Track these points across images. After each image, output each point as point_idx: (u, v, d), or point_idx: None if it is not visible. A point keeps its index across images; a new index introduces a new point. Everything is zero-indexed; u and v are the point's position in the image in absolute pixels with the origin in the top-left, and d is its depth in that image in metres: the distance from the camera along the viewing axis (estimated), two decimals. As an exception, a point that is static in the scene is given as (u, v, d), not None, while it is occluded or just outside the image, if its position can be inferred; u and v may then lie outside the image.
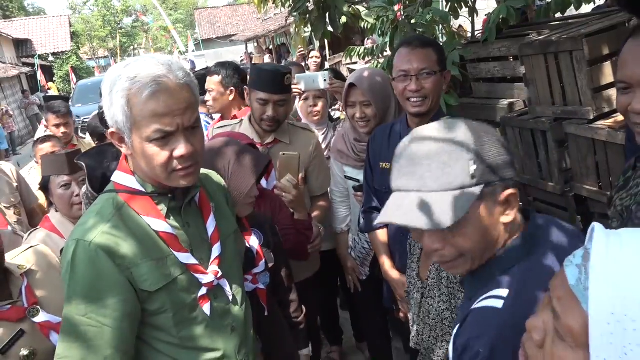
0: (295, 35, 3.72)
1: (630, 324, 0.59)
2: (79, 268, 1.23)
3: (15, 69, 21.49)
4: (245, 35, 25.62)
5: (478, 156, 0.96)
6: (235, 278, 1.53)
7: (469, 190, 0.95)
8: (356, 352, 3.50)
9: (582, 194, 2.58)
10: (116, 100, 1.21)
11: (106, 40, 44.75)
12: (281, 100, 2.41)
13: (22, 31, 30.74)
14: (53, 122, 4.07)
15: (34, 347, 1.60)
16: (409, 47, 2.02)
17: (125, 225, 1.28)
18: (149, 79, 1.19)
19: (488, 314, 0.99)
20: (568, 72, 2.51)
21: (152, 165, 1.25)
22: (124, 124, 1.22)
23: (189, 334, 1.36)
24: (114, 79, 1.22)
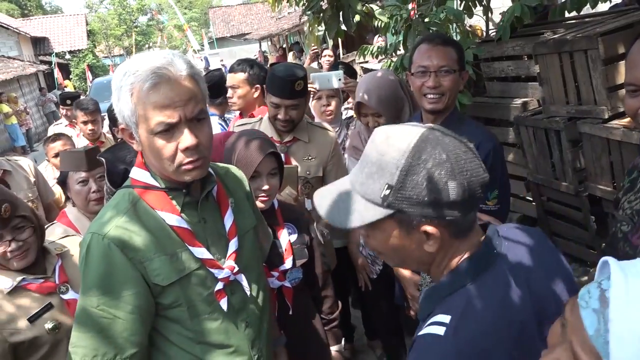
0: (309, 34, 3.72)
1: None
2: (93, 261, 1.26)
3: (33, 67, 21.77)
4: (259, 33, 25.70)
5: (399, 185, 0.94)
6: (254, 273, 1.52)
7: (378, 209, 0.97)
8: (367, 350, 3.50)
9: (596, 194, 2.56)
10: (122, 96, 1.22)
11: (122, 39, 45.15)
12: (293, 104, 2.43)
13: (40, 29, 31.14)
14: (81, 119, 4.12)
15: (59, 321, 1.72)
16: (430, 43, 2.02)
17: (139, 219, 1.29)
18: (150, 71, 1.19)
19: (430, 342, 0.95)
20: (583, 71, 2.50)
21: (160, 159, 1.26)
22: (129, 119, 1.24)
23: (203, 328, 1.37)
24: (120, 75, 1.23)
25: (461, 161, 0.94)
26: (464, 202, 0.94)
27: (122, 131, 1.29)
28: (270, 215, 1.91)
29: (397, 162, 0.95)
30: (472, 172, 0.95)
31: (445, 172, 0.93)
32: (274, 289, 1.87)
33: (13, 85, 18.19)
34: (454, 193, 0.92)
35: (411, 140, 0.96)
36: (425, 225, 0.96)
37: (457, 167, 0.94)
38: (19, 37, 25.58)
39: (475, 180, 0.95)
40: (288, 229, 1.94)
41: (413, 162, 0.94)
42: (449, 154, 0.94)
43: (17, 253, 1.72)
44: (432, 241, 0.97)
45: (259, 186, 1.83)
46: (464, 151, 0.96)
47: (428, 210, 0.94)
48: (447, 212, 0.94)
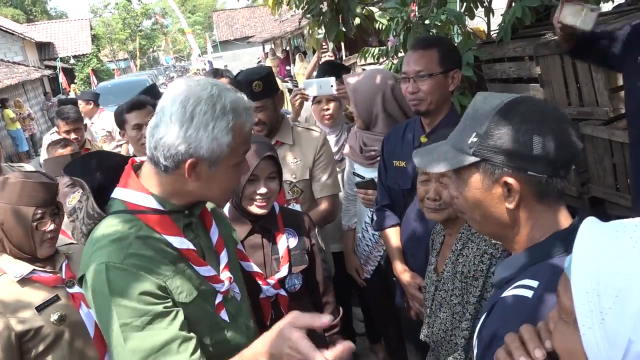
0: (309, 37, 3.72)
1: (602, 289, 0.65)
2: (119, 288, 1.17)
3: (38, 72, 21.88)
4: (262, 36, 25.73)
5: (486, 133, 1.01)
6: (238, 276, 1.54)
7: (465, 156, 1.05)
8: (369, 354, 3.48)
9: (599, 195, 2.54)
10: (218, 133, 1.19)
11: (126, 43, 45.42)
12: (257, 107, 2.37)
13: (45, 34, 31.33)
14: (63, 129, 4.03)
15: (65, 314, 1.78)
16: (412, 49, 2.07)
17: (148, 245, 1.25)
18: (246, 110, 1.25)
19: (517, 303, 0.97)
20: (584, 72, 2.48)
21: (227, 186, 1.30)
22: (218, 155, 1.21)
23: (213, 343, 1.36)
24: (208, 110, 1.18)
25: (553, 124, 1.00)
26: (548, 161, 0.99)
27: (190, 165, 1.21)
28: (270, 220, 1.89)
29: (489, 114, 1.02)
30: (562, 138, 1.00)
31: (532, 127, 0.99)
32: (269, 297, 1.85)
33: (18, 90, 18.29)
34: (538, 148, 0.98)
35: (506, 99, 1.03)
36: (506, 177, 1.00)
37: (546, 127, 0.99)
38: (24, 43, 25.74)
39: (564, 145, 1.00)
40: (288, 234, 1.92)
41: (503, 114, 1.01)
42: (541, 114, 1.01)
43: (53, 235, 1.83)
44: (512, 197, 1.01)
45: (256, 190, 1.80)
46: (560, 119, 1.02)
47: (511, 160, 0.99)
48: (528, 165, 0.99)
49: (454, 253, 1.71)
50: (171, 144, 1.19)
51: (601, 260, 0.67)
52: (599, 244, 0.69)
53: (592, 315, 0.66)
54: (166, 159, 1.21)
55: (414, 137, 2.19)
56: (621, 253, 0.66)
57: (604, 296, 0.65)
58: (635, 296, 0.62)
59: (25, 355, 1.72)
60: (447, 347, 1.73)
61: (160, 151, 1.20)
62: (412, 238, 2.14)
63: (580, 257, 0.70)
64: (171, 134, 1.18)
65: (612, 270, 0.65)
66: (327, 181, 2.56)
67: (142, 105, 2.98)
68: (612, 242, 0.67)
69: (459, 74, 2.04)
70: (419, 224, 2.11)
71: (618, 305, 0.63)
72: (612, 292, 0.64)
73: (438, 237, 1.89)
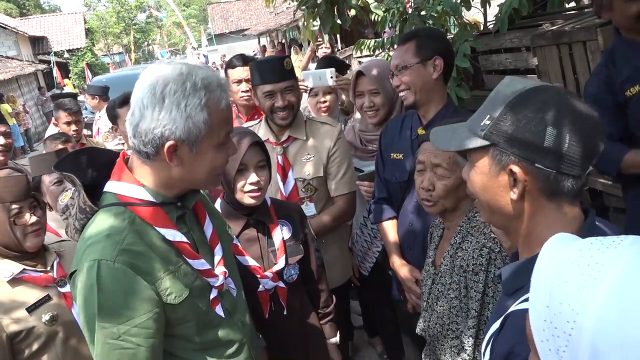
0: (304, 29, 3.69)
1: (554, 330, 0.62)
2: (108, 288, 1.16)
3: (32, 66, 21.74)
4: (257, 29, 25.63)
5: (499, 117, 0.98)
6: (234, 272, 1.52)
7: (476, 139, 1.02)
8: (368, 347, 3.49)
9: (597, 187, 2.53)
10: (192, 111, 1.17)
11: (120, 37, 45.10)
12: (288, 87, 2.31)
13: (38, 28, 31.08)
14: (64, 120, 4.04)
15: (56, 314, 1.76)
16: (398, 45, 2.14)
17: (141, 239, 1.23)
18: (221, 87, 1.23)
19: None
20: (582, 63, 2.46)
21: (212, 167, 1.27)
22: (196, 135, 1.19)
23: (209, 338, 1.35)
24: (179, 88, 1.17)
25: (573, 118, 0.94)
26: (559, 155, 0.93)
27: (169, 147, 1.19)
28: (263, 212, 1.87)
29: (507, 98, 0.98)
30: (581, 135, 0.94)
31: (548, 117, 0.94)
32: (268, 290, 1.84)
33: (12, 85, 18.17)
34: (550, 140, 0.93)
35: (529, 85, 0.99)
36: (513, 165, 0.97)
37: (565, 120, 0.94)
38: (17, 37, 25.54)
39: (581, 143, 0.93)
40: (282, 225, 1.91)
41: (521, 100, 0.96)
42: (562, 106, 0.95)
43: (36, 228, 1.80)
44: (517, 188, 0.97)
45: (247, 180, 1.77)
46: (584, 115, 0.95)
47: (519, 149, 0.95)
48: (537, 157, 0.94)
49: (453, 246, 1.70)
50: (147, 128, 1.18)
51: (554, 296, 0.63)
52: (555, 275, 0.64)
53: (550, 354, 0.64)
54: (145, 145, 1.20)
55: (411, 129, 2.18)
56: (572, 291, 0.61)
57: (557, 338, 0.62)
58: (584, 341, 0.59)
59: (18, 355, 1.70)
60: (443, 342, 1.71)
61: (139, 138, 1.20)
62: (409, 230, 2.13)
63: (537, 288, 0.66)
64: (146, 119, 1.18)
65: (562, 310, 0.61)
66: (344, 178, 2.44)
67: None
68: (566, 275, 0.63)
69: (439, 60, 2.02)
70: (416, 217, 2.10)
71: (571, 349, 0.61)
72: (564, 336, 0.61)
73: (437, 231, 1.88)
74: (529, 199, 0.99)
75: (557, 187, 0.96)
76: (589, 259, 0.62)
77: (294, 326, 1.92)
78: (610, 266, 0.60)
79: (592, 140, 0.95)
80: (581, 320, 0.59)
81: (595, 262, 0.61)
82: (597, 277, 0.60)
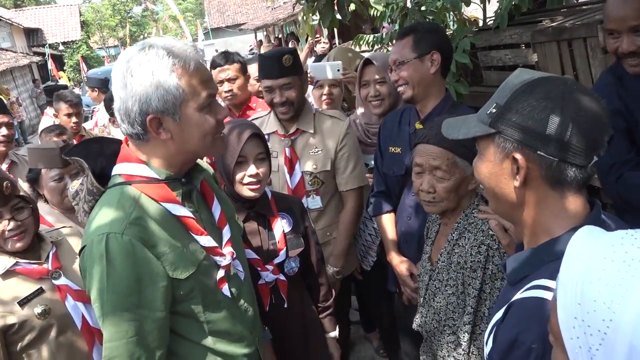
0: (303, 23, 3.67)
1: (587, 328, 0.61)
2: (116, 261, 1.20)
3: (27, 58, 21.61)
4: (254, 23, 25.53)
5: (505, 105, 1.00)
6: (243, 258, 1.54)
7: (483, 126, 1.04)
8: (364, 342, 3.49)
9: (595, 184, 2.53)
10: (159, 79, 1.18)
11: (116, 30, 44.80)
12: (285, 84, 2.31)
13: (33, 20, 30.86)
14: (65, 112, 4.02)
15: (49, 307, 1.74)
16: (395, 40, 2.13)
17: (147, 214, 1.26)
18: (188, 51, 1.23)
19: (536, 305, 0.92)
20: (582, 59, 2.46)
21: (203, 133, 1.27)
22: (173, 102, 1.20)
23: (213, 318, 1.37)
24: (143, 60, 1.19)
25: (579, 107, 0.94)
26: (562, 143, 0.94)
27: (151, 121, 1.21)
28: (264, 205, 1.87)
29: (514, 87, 1.00)
30: (586, 124, 0.94)
31: (553, 105, 0.95)
32: (268, 283, 1.84)
33: (6, 77, 18.05)
34: (553, 127, 0.94)
35: (537, 75, 1.01)
36: (516, 152, 0.98)
37: (569, 108, 0.94)
38: (11, 28, 25.36)
39: (585, 132, 0.94)
40: (282, 218, 1.91)
41: (527, 89, 0.98)
42: (569, 95, 0.95)
43: (15, 232, 1.76)
44: (520, 175, 0.98)
45: (246, 172, 1.76)
46: (591, 105, 0.95)
47: (522, 136, 0.96)
48: (539, 144, 0.95)
49: (450, 243, 1.69)
50: (127, 108, 1.21)
51: (587, 294, 0.61)
52: (587, 272, 0.63)
53: (581, 352, 0.62)
54: (133, 126, 1.23)
55: (409, 123, 2.19)
56: (606, 289, 0.60)
57: (590, 336, 0.61)
58: (621, 341, 0.58)
59: (11, 347, 1.70)
60: (440, 337, 1.72)
61: (126, 121, 1.23)
62: (407, 224, 2.14)
63: (567, 284, 0.64)
64: (123, 100, 1.21)
65: (597, 309, 0.60)
66: (353, 173, 2.42)
67: None
68: (598, 273, 0.61)
69: (437, 55, 2.02)
70: (414, 211, 2.11)
71: (606, 348, 0.59)
72: (598, 334, 0.60)
73: (433, 226, 1.88)
74: (532, 186, 1.00)
75: (559, 176, 0.97)
76: (624, 255, 0.61)
77: (295, 319, 1.93)
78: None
79: (596, 131, 0.95)
80: (618, 318, 0.58)
81: (631, 259, 0.60)
82: (634, 274, 0.59)
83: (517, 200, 1.03)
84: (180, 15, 22.05)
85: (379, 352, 3.33)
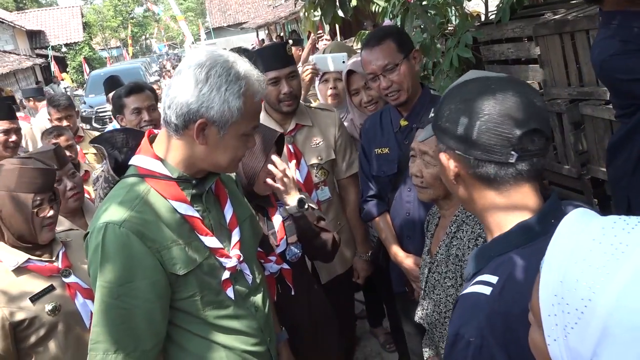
0: (305, 20, 3.67)
1: (566, 306, 0.62)
2: (110, 251, 1.24)
3: (30, 61, 21.66)
4: (256, 22, 25.50)
5: (437, 109, 1.08)
6: (253, 262, 1.56)
7: (430, 130, 1.14)
8: (370, 337, 3.50)
9: (599, 176, 2.53)
10: (230, 96, 1.25)
11: (118, 31, 44.86)
12: (291, 72, 2.33)
13: (35, 22, 30.92)
14: (55, 117, 3.99)
15: (59, 304, 1.76)
16: (367, 48, 2.09)
17: (152, 208, 1.29)
18: (259, 84, 1.31)
19: (475, 300, 0.95)
20: (584, 52, 2.45)
21: (233, 154, 1.33)
22: (229, 118, 1.26)
23: (216, 315, 1.39)
24: (223, 73, 1.25)
25: (487, 108, 0.98)
26: (471, 142, 0.98)
27: (200, 124, 1.26)
28: (264, 197, 1.91)
29: (447, 90, 1.09)
30: (492, 122, 0.97)
31: (463, 108, 0.99)
32: (273, 274, 1.86)
33: (9, 80, 18.10)
34: (462, 128, 0.99)
35: (463, 78, 1.08)
36: (442, 153, 1.06)
37: (477, 109, 0.98)
38: (14, 31, 25.43)
39: (490, 131, 0.97)
40: (280, 206, 1.94)
41: (450, 93, 1.06)
42: (479, 96, 0.99)
43: (51, 221, 1.82)
44: (449, 173, 1.06)
45: (269, 170, 1.82)
46: (502, 103, 0.97)
47: (442, 137, 1.05)
48: (455, 144, 1.01)
49: (448, 235, 1.70)
50: (184, 101, 1.25)
51: (570, 273, 0.62)
52: (573, 251, 0.63)
53: (557, 329, 0.63)
54: (177, 117, 1.26)
55: (391, 122, 2.18)
56: (590, 270, 0.60)
57: (567, 314, 0.61)
58: (596, 321, 0.58)
59: (21, 344, 1.71)
60: (441, 329, 1.73)
61: (173, 109, 1.26)
62: (407, 220, 2.13)
63: (552, 262, 0.65)
64: (185, 93, 1.24)
65: (577, 288, 0.60)
66: (351, 159, 2.53)
67: (141, 89, 2.91)
68: (584, 254, 0.61)
69: (417, 53, 2.07)
70: (413, 206, 2.10)
71: (580, 327, 0.60)
72: (575, 313, 0.60)
73: (433, 219, 1.88)
74: (468, 184, 1.05)
75: (482, 173, 1.00)
76: (613, 239, 0.61)
77: (302, 306, 1.96)
78: (635, 248, 0.59)
79: (505, 128, 0.96)
80: (597, 299, 0.58)
81: (619, 242, 0.60)
82: (619, 257, 0.59)
83: (463, 197, 1.09)
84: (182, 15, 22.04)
85: (385, 347, 3.33)
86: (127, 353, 1.26)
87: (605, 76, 2.00)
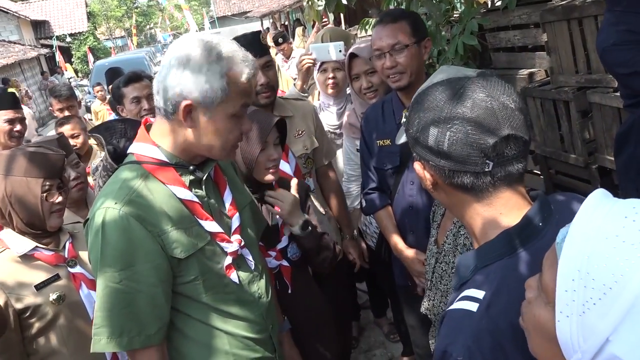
0: (308, 8, 3.61)
1: (590, 282, 0.60)
2: (111, 235, 1.25)
3: (34, 51, 21.65)
4: (260, 11, 25.35)
5: (406, 116, 1.03)
6: (254, 248, 1.56)
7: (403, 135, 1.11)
8: (374, 327, 3.50)
9: (606, 165, 2.49)
10: (211, 76, 1.25)
11: (122, 20, 44.72)
12: (267, 62, 2.27)
13: (40, 12, 30.89)
14: (57, 107, 4.04)
15: (64, 294, 1.76)
16: (380, 24, 2.05)
17: (152, 193, 1.30)
18: (247, 63, 1.30)
19: (462, 318, 0.91)
20: (592, 39, 2.40)
21: (224, 140, 1.32)
22: (214, 99, 1.26)
23: (218, 300, 1.39)
24: (203, 54, 1.25)
25: (456, 118, 0.93)
26: (442, 153, 0.94)
27: (185, 107, 1.26)
28: (267, 186, 1.88)
29: (417, 93, 1.02)
30: (462, 133, 0.92)
31: (432, 117, 0.94)
32: (272, 269, 1.84)
33: (15, 70, 18.14)
34: (432, 139, 0.95)
35: (427, 84, 1.01)
36: (415, 161, 1.02)
37: (445, 119, 0.93)
38: (19, 21, 25.42)
39: (463, 140, 0.92)
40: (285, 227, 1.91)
41: (417, 99, 1.01)
42: (448, 105, 0.94)
43: (59, 207, 1.82)
44: (427, 182, 1.02)
45: (269, 156, 1.78)
46: (472, 111, 0.92)
47: (415, 147, 1.00)
48: (427, 154, 0.97)
49: (456, 225, 1.68)
50: (169, 86, 1.27)
51: (599, 248, 0.61)
52: (602, 228, 0.62)
53: (573, 305, 0.62)
54: (165, 102, 1.28)
55: (394, 113, 2.13)
56: (623, 246, 0.59)
57: (590, 290, 0.60)
58: (625, 298, 0.58)
59: (25, 331, 1.72)
60: None
61: (161, 94, 1.28)
62: (410, 214, 2.10)
63: (577, 237, 0.63)
64: (170, 77, 1.26)
65: (608, 264, 0.59)
66: (328, 146, 2.62)
67: (139, 78, 2.91)
68: (617, 230, 0.61)
69: (429, 42, 2.04)
70: (416, 199, 2.07)
71: (604, 303, 0.59)
72: (601, 288, 0.59)
73: (439, 209, 1.86)
74: (446, 192, 1.00)
75: (459, 183, 0.95)
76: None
77: (300, 305, 1.93)
78: None
79: (478, 138, 0.91)
80: (630, 275, 0.57)
81: None
82: None
83: (445, 203, 1.05)
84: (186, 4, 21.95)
85: (389, 337, 3.33)
86: (131, 337, 1.26)
87: (606, 66, 1.97)
